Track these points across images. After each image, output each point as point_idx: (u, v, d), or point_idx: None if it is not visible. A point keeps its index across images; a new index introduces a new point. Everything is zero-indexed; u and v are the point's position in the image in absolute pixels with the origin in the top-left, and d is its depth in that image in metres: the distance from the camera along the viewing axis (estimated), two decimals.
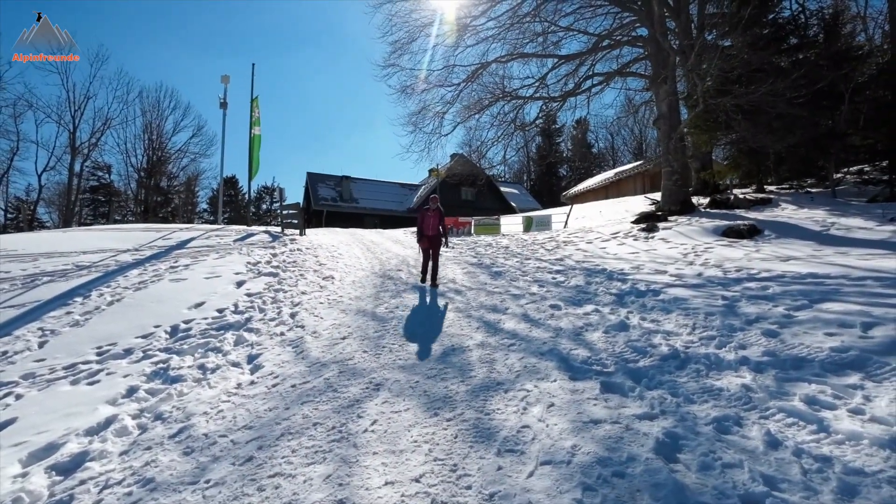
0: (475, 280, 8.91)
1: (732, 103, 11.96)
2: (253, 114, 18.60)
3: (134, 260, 10.64)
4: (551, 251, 11.27)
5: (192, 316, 7.03)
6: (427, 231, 8.82)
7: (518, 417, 3.60)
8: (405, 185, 41.00)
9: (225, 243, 13.08)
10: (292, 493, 2.94)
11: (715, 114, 13.20)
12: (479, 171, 21.05)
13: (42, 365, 5.55)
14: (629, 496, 2.56)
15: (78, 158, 40.33)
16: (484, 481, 2.84)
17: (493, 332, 5.77)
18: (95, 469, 3.54)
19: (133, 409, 4.47)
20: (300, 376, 4.93)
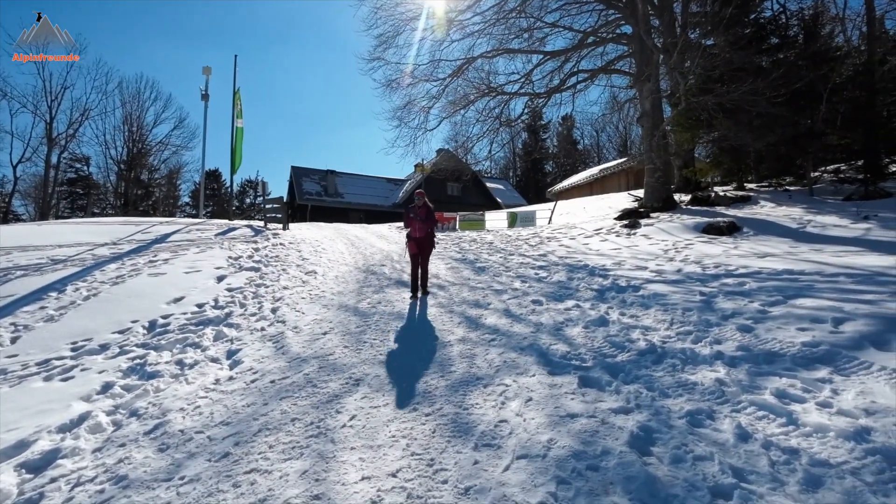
0: (458, 276, 8.92)
1: (714, 102, 12.12)
2: (235, 106, 18.33)
3: (111, 254, 10.44)
4: (535, 247, 11.33)
5: (171, 311, 6.93)
6: (415, 232, 7.61)
7: (496, 412, 3.62)
8: (391, 179, 40.84)
9: (206, 237, 12.91)
10: (267, 490, 2.92)
11: (697, 112, 13.36)
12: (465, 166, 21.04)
13: (14, 361, 5.43)
14: (602, 489, 2.59)
15: (55, 150, 39.34)
16: (460, 475, 2.86)
17: (474, 328, 5.78)
18: (67, 466, 3.47)
19: (108, 406, 4.40)
20: (280, 372, 4.90)
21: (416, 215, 7.60)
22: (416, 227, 7.58)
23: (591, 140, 57.96)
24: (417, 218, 7.58)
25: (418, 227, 7.56)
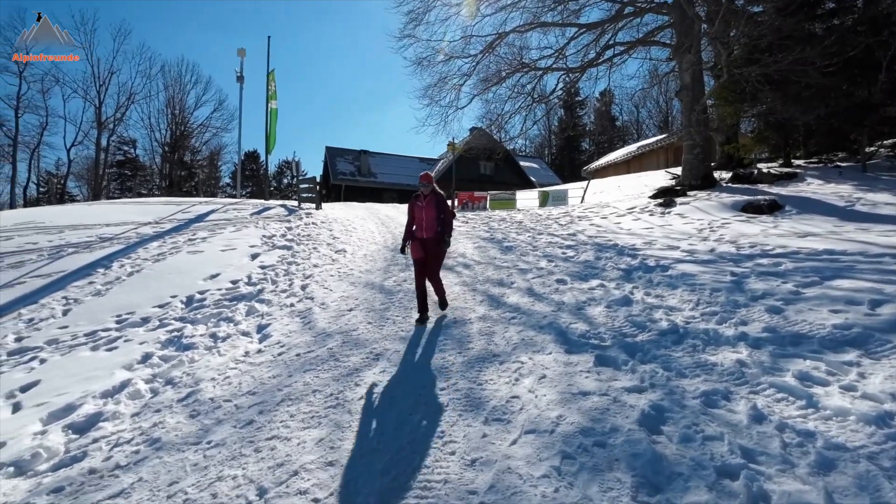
0: (485, 255, 8.92)
1: (760, 73, 11.46)
2: (269, 88, 18.64)
3: (154, 233, 10.95)
4: (564, 226, 11.17)
5: (207, 287, 7.25)
6: (421, 231, 5.64)
7: (509, 388, 3.66)
8: (424, 159, 40.81)
9: (242, 217, 13.33)
10: (285, 455, 3.08)
11: (741, 84, 12.67)
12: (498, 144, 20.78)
13: (65, 332, 5.83)
14: (606, 465, 2.61)
15: (104, 133, 41.24)
16: (468, 448, 2.93)
17: (495, 306, 5.81)
18: (108, 429, 3.75)
19: (146, 374, 4.68)
20: (305, 346, 5.08)
21: (423, 206, 5.63)
22: (422, 223, 5.64)
23: (629, 116, 56.09)
24: (424, 210, 5.62)
25: (426, 222, 5.61)
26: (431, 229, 5.59)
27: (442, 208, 5.60)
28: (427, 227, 5.60)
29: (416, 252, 5.63)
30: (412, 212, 5.74)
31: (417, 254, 5.61)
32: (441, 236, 5.59)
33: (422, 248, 5.61)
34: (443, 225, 5.59)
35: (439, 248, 5.63)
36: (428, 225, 5.60)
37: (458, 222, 13.51)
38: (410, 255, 5.74)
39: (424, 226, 5.61)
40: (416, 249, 5.62)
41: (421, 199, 5.65)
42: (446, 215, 5.62)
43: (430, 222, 5.59)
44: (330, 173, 36.22)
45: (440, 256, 5.72)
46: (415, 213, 5.70)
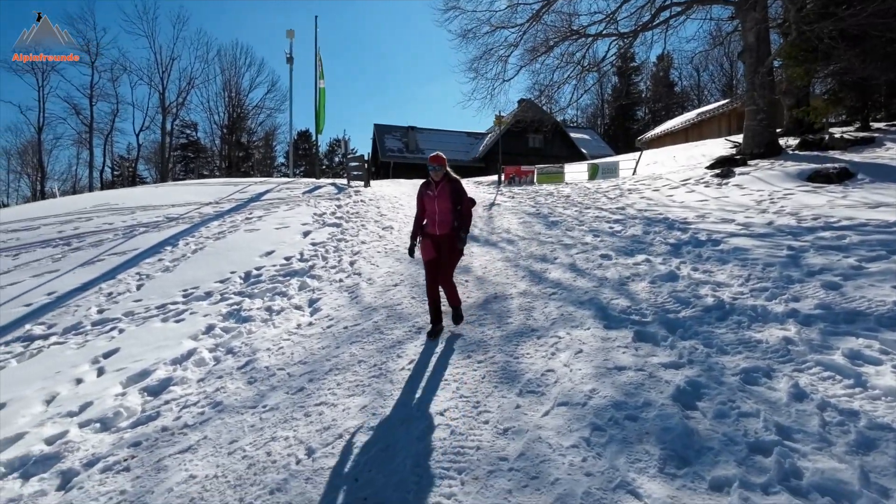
0: (529, 230, 8.89)
1: (834, 28, 10.52)
2: (318, 67, 18.98)
3: (214, 212, 11.62)
4: (613, 200, 10.89)
5: (263, 263, 7.68)
6: (433, 226, 4.61)
7: (545, 362, 3.73)
8: (471, 133, 40.43)
9: (294, 196, 13.85)
10: (332, 420, 3.32)
11: (812, 42, 11.69)
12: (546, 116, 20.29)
13: (139, 305, 6.39)
14: (636, 438, 2.65)
15: (168, 117, 43.53)
16: (501, 417, 3.05)
17: (537, 282, 5.84)
18: (177, 392, 4.14)
19: (210, 344, 5.09)
20: (352, 319, 5.34)
21: (434, 195, 4.55)
22: (434, 217, 4.58)
23: (689, 81, 52.84)
24: (436, 200, 4.55)
25: (438, 215, 4.55)
26: (446, 224, 4.52)
27: (458, 197, 4.51)
28: (440, 222, 4.53)
29: (426, 252, 4.61)
30: (422, 202, 4.67)
31: (429, 254, 4.59)
32: (457, 232, 4.53)
33: (433, 247, 4.59)
34: (460, 218, 4.54)
35: (454, 245, 4.54)
36: (441, 219, 4.53)
37: (504, 197, 13.44)
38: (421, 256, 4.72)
39: (437, 220, 4.54)
40: (428, 249, 4.60)
41: (432, 187, 4.57)
42: (463, 206, 4.53)
43: (444, 215, 4.52)
44: (378, 150, 36.67)
45: (455, 257, 4.62)
46: (425, 204, 4.63)
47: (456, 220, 4.54)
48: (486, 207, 11.79)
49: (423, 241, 4.68)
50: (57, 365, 4.91)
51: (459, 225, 4.54)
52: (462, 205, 4.56)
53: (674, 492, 2.24)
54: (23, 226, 12.17)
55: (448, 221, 4.54)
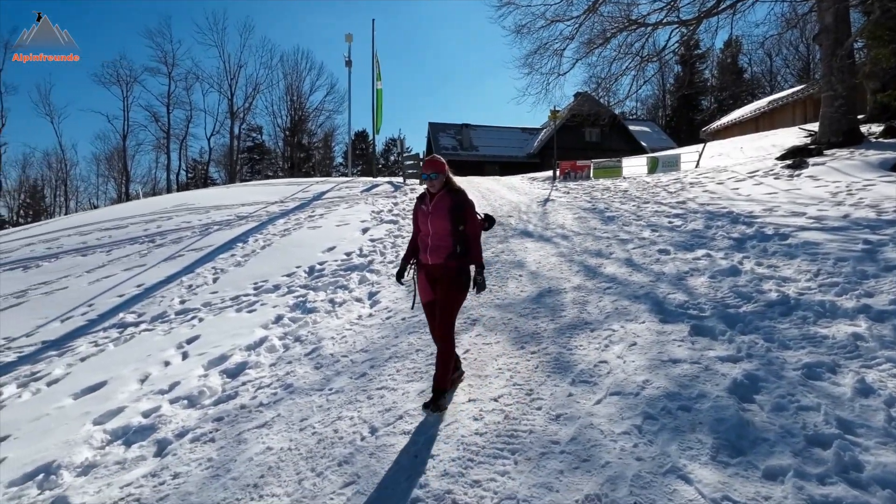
0: (585, 225, 8.83)
1: None
2: (375, 69, 19.54)
3: (280, 211, 12.31)
4: (674, 194, 10.56)
5: (325, 258, 8.10)
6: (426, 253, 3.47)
7: (598, 354, 3.79)
8: (526, 129, 40.06)
9: (353, 194, 14.39)
10: (392, 402, 3.54)
11: None
12: (604, 109, 19.86)
13: (215, 296, 6.94)
14: (689, 427, 2.68)
15: (236, 122, 46.18)
16: (553, 405, 3.15)
17: (591, 276, 5.84)
18: (252, 375, 4.52)
19: (279, 333, 5.48)
20: (410, 311, 5.57)
21: (428, 211, 3.43)
22: (427, 240, 3.44)
23: (760, 67, 49.69)
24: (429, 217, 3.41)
25: (432, 238, 3.40)
26: (440, 251, 3.34)
27: (459, 215, 3.32)
28: (433, 248, 3.35)
29: (422, 290, 3.54)
30: (416, 220, 3.57)
31: (425, 294, 3.52)
32: (460, 264, 3.36)
33: (428, 282, 3.48)
34: (462, 243, 3.35)
35: (455, 286, 3.35)
36: (435, 243, 3.35)
37: (559, 192, 13.31)
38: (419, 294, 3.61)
39: (430, 244, 3.38)
40: (422, 286, 3.52)
41: (426, 201, 3.46)
42: (468, 227, 3.35)
43: (440, 238, 3.34)
44: (433, 148, 37.13)
45: (455, 300, 3.38)
46: (419, 223, 3.51)
47: (457, 245, 3.32)
48: (541, 203, 11.76)
49: (419, 273, 3.56)
50: (147, 349, 5.45)
51: (462, 253, 3.35)
52: (466, 225, 3.32)
53: (725, 479, 2.27)
54: (113, 225, 13.41)
55: (444, 248, 3.33)
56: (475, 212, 3.50)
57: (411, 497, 2.46)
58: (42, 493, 3.10)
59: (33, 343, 6.21)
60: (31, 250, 11.88)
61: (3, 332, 6.72)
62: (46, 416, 4.20)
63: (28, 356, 5.81)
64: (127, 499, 2.88)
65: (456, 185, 3.49)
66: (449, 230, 3.35)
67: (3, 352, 6.08)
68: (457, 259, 3.37)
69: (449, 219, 3.34)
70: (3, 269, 10.32)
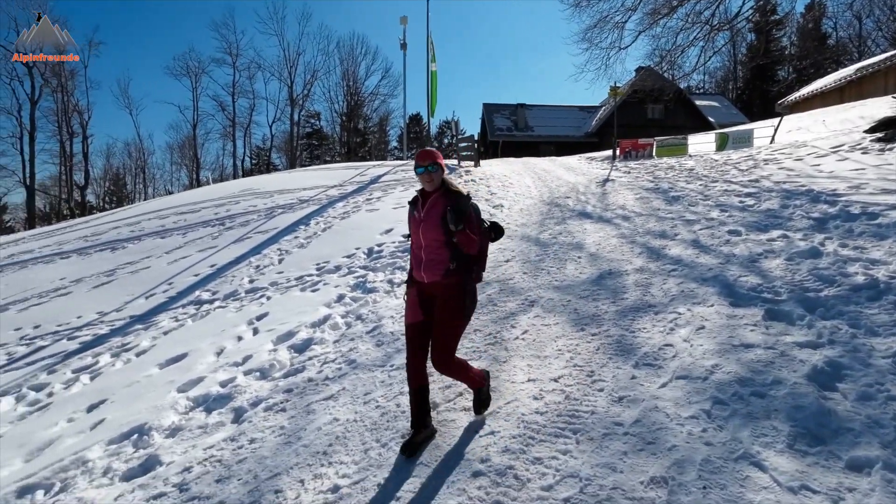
0: (647, 206, 8.49)
1: None
2: (429, 51, 19.47)
3: (339, 194, 12.66)
4: (745, 172, 9.93)
5: (383, 240, 8.28)
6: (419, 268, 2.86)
7: (662, 337, 3.68)
8: (584, 108, 38.77)
9: (409, 177, 14.53)
10: (452, 381, 3.60)
11: None
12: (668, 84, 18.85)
13: (281, 276, 7.28)
14: (763, 414, 2.56)
15: (296, 109, 47.65)
16: (616, 387, 3.10)
17: (654, 258, 5.64)
18: (318, 350, 4.73)
19: (342, 311, 5.69)
20: None
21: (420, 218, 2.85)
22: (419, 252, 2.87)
23: (847, 31, 45.23)
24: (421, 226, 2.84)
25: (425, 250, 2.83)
26: (435, 266, 2.78)
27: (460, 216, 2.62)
28: (427, 262, 2.81)
29: (408, 310, 2.95)
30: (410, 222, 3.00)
31: (411, 314, 2.92)
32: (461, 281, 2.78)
33: (418, 302, 2.90)
34: (458, 257, 2.76)
35: (453, 306, 2.77)
36: (429, 256, 2.80)
37: (619, 172, 12.85)
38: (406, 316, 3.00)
39: (423, 258, 2.82)
40: (410, 305, 2.94)
41: (418, 206, 2.89)
42: (468, 236, 2.67)
43: (433, 251, 2.78)
44: (487, 130, 36.75)
45: (454, 323, 2.81)
46: (412, 234, 2.95)
47: (453, 261, 2.75)
48: (600, 184, 11.42)
49: (409, 291, 2.97)
50: (222, 325, 5.83)
51: (459, 268, 2.76)
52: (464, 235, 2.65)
53: (804, 468, 2.16)
54: (187, 209, 14.30)
55: (438, 262, 2.76)
56: (476, 217, 2.77)
57: (473, 470, 2.52)
58: (137, 451, 3.42)
59: (122, 317, 6.79)
60: (118, 233, 12.93)
61: (98, 307, 7.40)
62: (137, 383, 4.60)
63: (118, 329, 6.37)
64: (210, 460, 3.12)
65: (453, 187, 2.81)
66: (443, 241, 2.75)
67: (97, 325, 6.69)
68: (456, 275, 2.76)
69: (442, 228, 2.72)
70: (95, 251, 11.31)
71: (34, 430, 4.03)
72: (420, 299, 2.90)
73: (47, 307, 7.91)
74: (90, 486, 3.09)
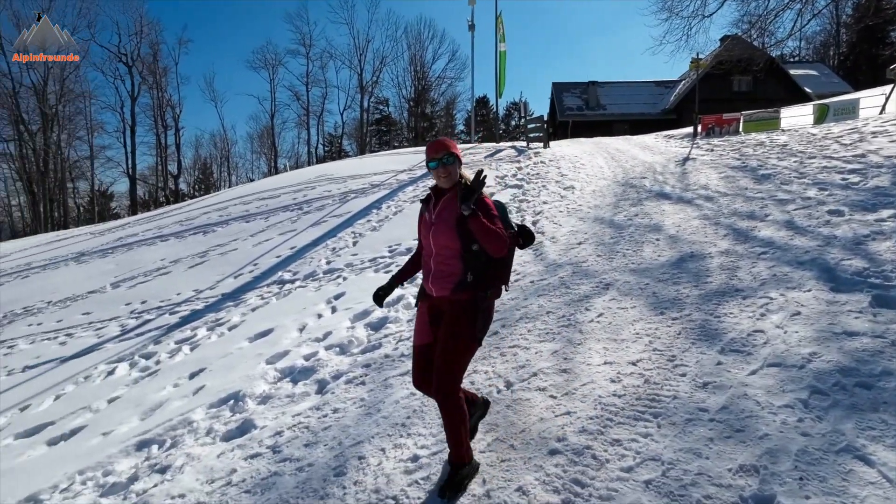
0: (733, 185, 7.94)
1: None
2: (498, 30, 19.15)
3: (408, 178, 12.89)
4: (849, 146, 8.99)
5: None
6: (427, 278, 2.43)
7: (752, 322, 3.46)
8: (660, 83, 36.60)
9: (477, 160, 14.50)
10: (525, 360, 3.62)
11: None
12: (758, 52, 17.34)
13: (356, 258, 7.58)
14: (869, 406, 2.36)
15: (365, 96, 48.79)
16: (700, 372, 2.97)
17: (742, 240, 5.29)
18: (392, 329, 4.91)
19: (414, 292, 5.83)
20: (538, 275, 5.57)
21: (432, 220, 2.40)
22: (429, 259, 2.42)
23: None
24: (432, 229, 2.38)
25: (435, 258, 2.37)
26: (446, 279, 2.34)
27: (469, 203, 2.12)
28: (436, 273, 2.37)
29: (417, 329, 2.56)
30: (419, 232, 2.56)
31: (420, 334, 2.53)
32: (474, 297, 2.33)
33: (428, 318, 2.51)
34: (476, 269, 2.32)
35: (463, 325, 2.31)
36: (439, 267, 2.37)
37: (701, 150, 12.07)
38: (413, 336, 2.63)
39: (432, 267, 2.39)
40: (419, 323, 2.56)
41: (430, 206, 2.47)
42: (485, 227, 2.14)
43: (444, 261, 2.35)
44: (556, 110, 35.74)
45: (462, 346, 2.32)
46: (421, 238, 2.54)
47: (468, 272, 2.30)
48: (679, 163, 10.80)
49: (419, 305, 2.59)
50: (303, 303, 6.17)
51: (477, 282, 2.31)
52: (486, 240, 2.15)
53: None
54: (267, 195, 15.17)
55: (450, 274, 2.33)
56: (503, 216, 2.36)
57: (550, 448, 2.53)
58: (234, 415, 3.75)
59: (215, 295, 7.38)
60: (208, 218, 13.98)
61: (193, 285, 8.09)
62: (230, 354, 5.01)
63: (212, 305, 6.94)
64: (298, 426, 3.36)
65: (467, 181, 2.32)
66: (458, 251, 2.28)
67: (194, 301, 7.33)
68: (470, 291, 2.30)
69: (457, 233, 2.26)
70: (189, 234, 12.33)
71: (146, 392, 4.52)
72: (430, 316, 2.46)
73: (151, 285, 8.76)
74: (196, 443, 3.43)
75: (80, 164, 44.25)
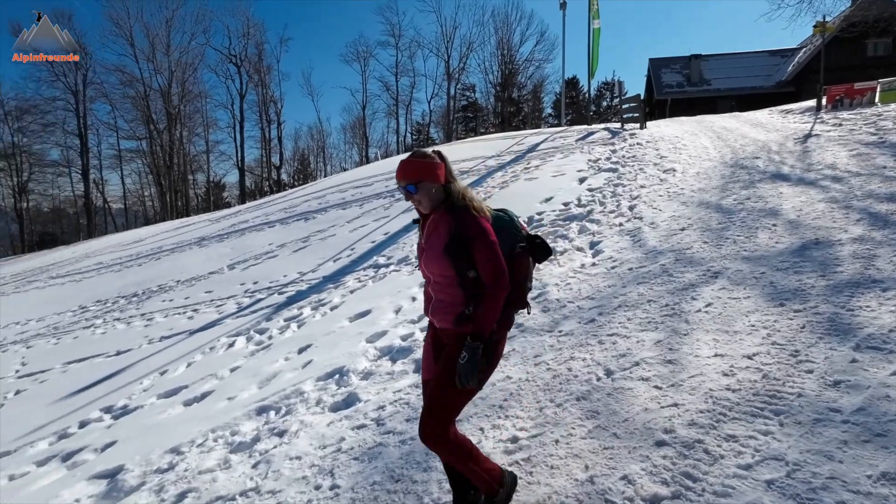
0: (867, 164, 7.02)
1: None
2: (592, 6, 18.30)
3: (497, 164, 12.83)
4: None
5: (543, 209, 8.22)
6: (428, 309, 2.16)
7: (894, 318, 3.07)
8: (775, 52, 32.95)
9: (568, 144, 14.07)
10: (626, 349, 3.50)
11: None
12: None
13: None
14: None
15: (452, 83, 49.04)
16: (830, 370, 2.70)
17: (880, 226, 4.68)
18: None
19: None
20: (637, 261, 5.33)
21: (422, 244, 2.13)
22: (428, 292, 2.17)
23: None
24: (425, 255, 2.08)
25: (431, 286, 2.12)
26: (446, 309, 2.06)
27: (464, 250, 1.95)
28: (437, 303, 2.10)
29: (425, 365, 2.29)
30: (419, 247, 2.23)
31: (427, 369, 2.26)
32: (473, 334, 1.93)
33: (432, 349, 2.23)
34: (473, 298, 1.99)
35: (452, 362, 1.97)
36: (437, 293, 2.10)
37: (827, 126, 10.76)
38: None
39: (432, 295, 2.15)
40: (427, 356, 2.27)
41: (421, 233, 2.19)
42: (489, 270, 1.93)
43: (442, 289, 2.07)
44: (654, 88, 33.55)
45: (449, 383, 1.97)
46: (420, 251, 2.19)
47: (467, 302, 2.00)
48: (799, 140, 9.74)
49: (427, 333, 2.33)
50: (397, 286, 6.42)
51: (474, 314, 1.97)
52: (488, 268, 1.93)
53: None
54: (361, 183, 15.86)
55: (448, 304, 2.05)
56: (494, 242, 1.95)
57: (656, 439, 2.44)
58: (339, 388, 4.01)
59: (317, 277, 7.90)
60: (308, 206, 14.93)
61: (298, 268, 8.71)
62: (333, 332, 5.36)
63: (315, 287, 7.44)
64: (399, 401, 3.53)
65: (459, 201, 2.02)
66: (454, 278, 2.00)
67: (299, 283, 7.90)
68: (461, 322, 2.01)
69: (448, 262, 1.98)
70: (292, 220, 13.27)
71: (262, 364, 4.97)
72: (434, 346, 2.20)
73: (261, 267, 9.56)
74: (307, 412, 3.72)
75: (198, 157, 49.44)
